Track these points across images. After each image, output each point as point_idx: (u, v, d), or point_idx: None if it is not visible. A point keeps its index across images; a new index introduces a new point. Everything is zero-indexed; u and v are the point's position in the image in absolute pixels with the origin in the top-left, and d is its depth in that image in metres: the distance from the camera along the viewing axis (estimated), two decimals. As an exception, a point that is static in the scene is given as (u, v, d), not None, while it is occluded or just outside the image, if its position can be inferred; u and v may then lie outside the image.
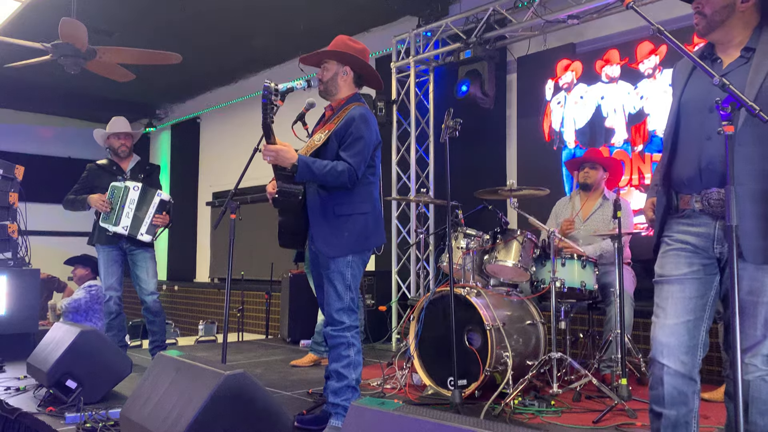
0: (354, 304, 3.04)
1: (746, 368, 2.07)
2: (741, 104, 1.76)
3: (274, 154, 2.85)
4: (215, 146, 10.06)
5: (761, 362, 2.08)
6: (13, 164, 5.16)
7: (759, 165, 2.03)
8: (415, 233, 6.32)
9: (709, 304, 2.17)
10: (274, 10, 6.70)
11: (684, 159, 2.19)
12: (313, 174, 2.88)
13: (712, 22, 2.15)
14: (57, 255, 7.65)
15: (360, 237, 3.03)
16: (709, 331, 2.20)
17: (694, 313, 2.15)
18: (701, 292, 2.16)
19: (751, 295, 2.07)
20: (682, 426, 2.14)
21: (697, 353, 2.15)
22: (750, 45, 2.13)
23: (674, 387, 2.13)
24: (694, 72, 2.21)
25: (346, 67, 3.14)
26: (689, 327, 2.14)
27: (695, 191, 2.16)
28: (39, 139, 10.93)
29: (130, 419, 2.55)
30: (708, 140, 2.10)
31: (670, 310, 2.17)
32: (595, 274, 3.97)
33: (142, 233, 4.59)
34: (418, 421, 1.62)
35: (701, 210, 2.16)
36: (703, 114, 2.13)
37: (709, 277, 2.17)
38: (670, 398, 2.13)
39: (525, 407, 3.43)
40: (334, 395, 2.98)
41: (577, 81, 5.57)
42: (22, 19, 6.64)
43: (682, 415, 2.14)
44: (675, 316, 2.15)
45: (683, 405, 2.14)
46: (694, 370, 2.14)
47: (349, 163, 2.92)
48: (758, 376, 2.07)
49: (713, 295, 2.17)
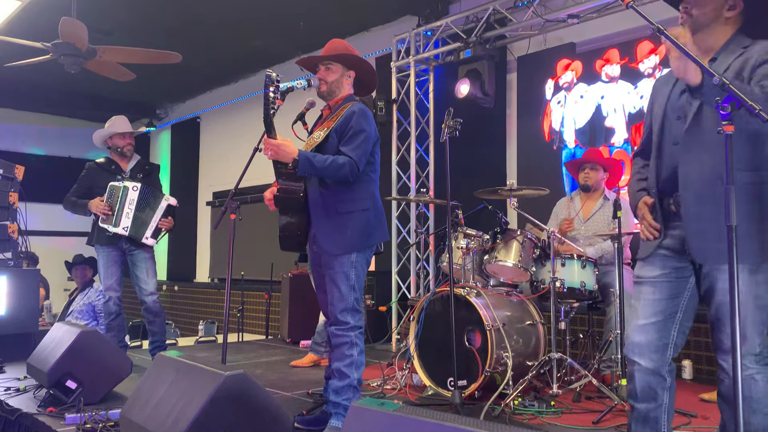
0: (358, 305, 3.04)
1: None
2: (741, 104, 1.77)
3: (275, 149, 2.85)
4: (215, 146, 10.06)
5: (750, 361, 2.09)
6: (13, 164, 5.15)
7: (708, 169, 2.09)
8: (415, 233, 6.32)
9: (681, 306, 2.24)
10: (274, 10, 6.70)
11: (664, 163, 2.25)
12: (314, 168, 2.88)
13: (696, 23, 2.17)
14: (57, 255, 7.66)
15: (363, 234, 3.03)
16: (686, 332, 2.26)
17: (663, 314, 2.23)
18: (673, 294, 2.23)
19: (727, 296, 2.08)
20: (652, 420, 2.26)
21: (667, 352, 2.24)
22: (716, 54, 2.17)
23: (645, 382, 2.24)
24: (677, 83, 2.25)
25: (351, 71, 3.18)
26: (659, 327, 2.23)
27: (670, 194, 2.22)
28: (39, 139, 10.92)
29: (130, 420, 2.55)
30: (675, 145, 2.19)
31: (641, 311, 2.27)
32: (595, 274, 3.97)
33: (147, 237, 4.59)
34: (418, 421, 1.62)
35: (675, 213, 2.21)
36: (671, 121, 2.22)
37: (682, 279, 2.23)
38: (642, 393, 2.25)
39: (525, 408, 3.43)
40: (336, 394, 2.98)
41: (577, 80, 5.57)
42: (22, 18, 6.64)
43: (652, 409, 2.25)
44: (645, 316, 2.25)
45: (653, 400, 2.24)
46: (664, 368, 2.25)
47: (350, 157, 2.92)
48: (749, 374, 2.08)
49: (687, 297, 2.24)
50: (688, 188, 2.13)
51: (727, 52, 2.15)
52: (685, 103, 2.17)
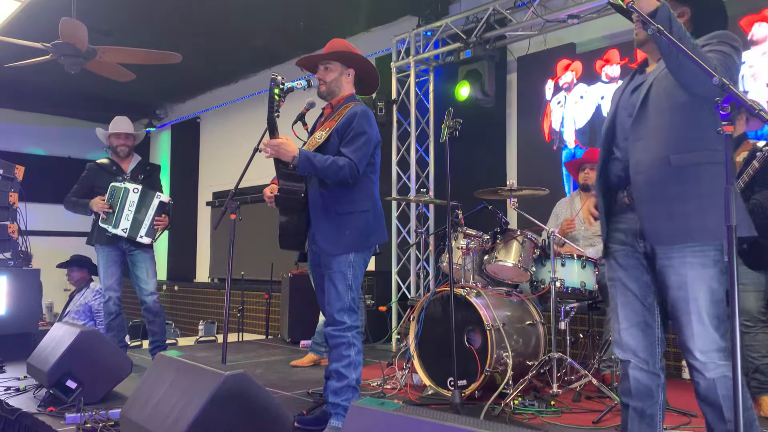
0: (355, 304, 3.04)
1: (705, 367, 2.09)
2: (740, 104, 1.78)
3: (276, 148, 2.85)
4: (215, 146, 10.06)
5: (720, 357, 2.08)
6: (13, 164, 5.15)
7: (655, 153, 2.15)
8: (415, 233, 6.32)
9: (649, 303, 2.27)
10: (274, 10, 6.70)
11: (617, 159, 2.31)
12: (314, 167, 2.88)
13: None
14: (57, 255, 7.65)
15: (362, 235, 3.03)
16: (668, 324, 2.29)
17: (641, 315, 2.27)
18: (643, 293, 2.27)
19: (681, 291, 2.12)
20: (648, 417, 2.26)
21: (656, 349, 2.27)
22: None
23: (638, 380, 2.26)
24: (629, 85, 2.37)
25: (350, 69, 3.16)
26: (642, 327, 2.27)
27: (623, 188, 2.28)
28: (39, 139, 10.92)
29: (130, 419, 2.55)
30: (626, 140, 2.26)
31: (620, 315, 2.31)
32: (595, 274, 3.97)
33: (141, 235, 4.58)
34: (418, 421, 1.62)
35: (628, 205, 2.26)
36: (623, 119, 2.30)
37: (644, 277, 2.26)
38: (636, 391, 2.26)
39: (525, 407, 3.43)
40: (335, 395, 2.98)
41: (577, 81, 5.57)
42: (22, 19, 6.64)
43: (648, 407, 2.26)
44: (625, 319, 2.29)
45: (648, 397, 2.25)
46: (656, 365, 2.26)
47: (350, 158, 2.92)
48: (721, 373, 2.07)
49: (652, 294, 2.27)
50: (639, 173, 2.18)
51: None
52: (634, 99, 2.26)
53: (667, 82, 2.15)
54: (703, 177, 2.10)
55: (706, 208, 2.07)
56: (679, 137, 2.13)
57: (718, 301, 2.09)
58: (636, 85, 2.31)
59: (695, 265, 2.09)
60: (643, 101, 2.21)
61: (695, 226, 2.08)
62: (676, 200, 2.11)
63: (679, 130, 2.14)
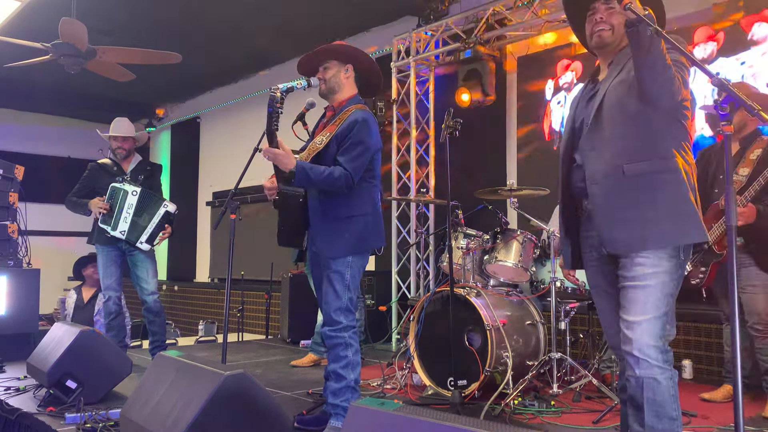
0: (352, 305, 3.03)
1: (638, 363, 2.08)
2: (740, 104, 1.78)
3: (274, 157, 2.85)
4: (215, 146, 10.06)
5: (655, 352, 2.07)
6: (13, 164, 5.16)
7: (609, 163, 2.17)
8: (415, 233, 6.32)
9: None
10: (274, 9, 6.70)
11: (579, 168, 2.31)
12: (310, 180, 2.88)
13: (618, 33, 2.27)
14: (57, 255, 7.67)
15: (360, 238, 3.02)
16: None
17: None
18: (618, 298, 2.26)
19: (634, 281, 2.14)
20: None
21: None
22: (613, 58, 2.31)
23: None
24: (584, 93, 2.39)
25: (348, 65, 3.14)
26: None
27: (585, 197, 2.28)
28: (39, 139, 10.92)
29: (130, 419, 2.55)
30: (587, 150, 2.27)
31: (608, 318, 2.33)
32: (595, 274, 3.97)
33: (141, 242, 4.57)
34: (418, 421, 1.62)
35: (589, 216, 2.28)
36: (579, 130, 2.32)
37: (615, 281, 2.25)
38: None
39: (525, 407, 3.43)
40: (334, 396, 2.98)
41: (577, 81, 5.57)
42: (22, 19, 6.64)
43: None
44: (614, 323, 2.27)
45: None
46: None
47: (346, 169, 2.91)
48: (651, 375, 2.06)
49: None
50: (594, 183, 2.20)
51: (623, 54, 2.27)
52: (590, 108, 2.27)
53: (620, 91, 2.18)
54: (656, 185, 2.11)
55: (661, 216, 2.09)
56: (631, 147, 2.15)
57: (666, 296, 2.11)
58: (591, 93, 2.32)
59: (648, 264, 2.11)
60: (597, 110, 2.23)
61: (650, 234, 2.09)
62: (631, 209, 2.12)
63: (631, 140, 2.15)
